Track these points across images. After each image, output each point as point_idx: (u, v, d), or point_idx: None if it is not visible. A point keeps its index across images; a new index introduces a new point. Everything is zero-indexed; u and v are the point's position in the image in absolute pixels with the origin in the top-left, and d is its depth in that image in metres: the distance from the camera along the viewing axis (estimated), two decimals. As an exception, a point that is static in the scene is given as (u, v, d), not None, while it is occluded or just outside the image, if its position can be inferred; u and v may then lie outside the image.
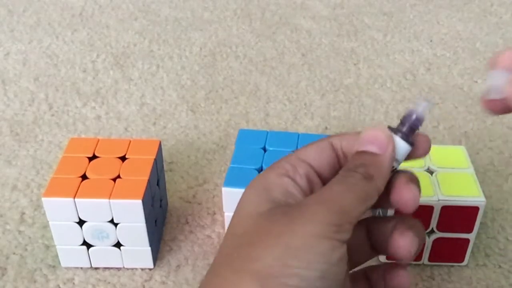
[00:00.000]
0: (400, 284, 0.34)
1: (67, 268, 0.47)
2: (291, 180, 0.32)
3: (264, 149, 0.48)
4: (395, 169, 0.32)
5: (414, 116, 0.32)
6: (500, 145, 0.60)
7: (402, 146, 0.32)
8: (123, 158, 0.46)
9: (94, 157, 0.47)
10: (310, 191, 0.32)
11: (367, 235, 0.35)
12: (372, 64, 0.73)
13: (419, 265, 0.48)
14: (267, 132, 0.50)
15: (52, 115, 0.63)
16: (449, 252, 0.47)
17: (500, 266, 0.48)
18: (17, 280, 0.46)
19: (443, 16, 0.83)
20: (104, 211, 0.43)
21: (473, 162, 0.48)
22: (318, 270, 0.28)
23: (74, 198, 0.43)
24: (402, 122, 0.32)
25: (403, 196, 0.32)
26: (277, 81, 0.69)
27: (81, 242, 0.45)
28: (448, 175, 0.46)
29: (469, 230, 0.45)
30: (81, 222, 0.44)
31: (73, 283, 0.46)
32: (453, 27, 0.81)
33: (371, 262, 0.35)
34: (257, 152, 0.47)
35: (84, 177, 0.45)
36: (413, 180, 0.32)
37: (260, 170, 0.46)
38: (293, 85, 0.69)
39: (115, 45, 0.75)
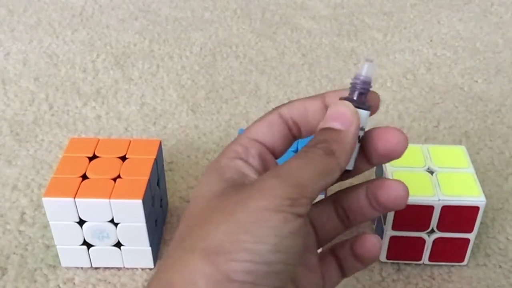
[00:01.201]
0: (370, 248, 0.34)
1: (67, 268, 0.47)
2: (244, 162, 0.31)
3: None
4: (360, 137, 0.32)
5: (360, 80, 0.32)
6: (500, 145, 0.60)
7: (361, 114, 0.32)
8: (123, 158, 0.46)
9: (94, 157, 0.47)
10: (264, 170, 0.32)
11: (335, 210, 0.35)
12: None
13: (419, 265, 0.48)
14: None
15: (52, 115, 0.63)
16: (450, 252, 0.47)
17: (500, 266, 0.48)
18: (18, 280, 0.46)
19: (443, 16, 0.83)
20: (104, 211, 0.43)
21: (473, 162, 0.48)
22: (269, 244, 0.27)
23: (74, 198, 0.43)
24: (352, 90, 0.32)
25: (391, 140, 0.32)
26: (277, 81, 0.69)
27: (82, 242, 0.45)
28: (448, 175, 0.46)
29: (470, 230, 0.45)
30: (81, 222, 0.44)
31: (74, 283, 0.46)
32: (453, 27, 0.81)
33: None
34: None
35: (84, 177, 0.45)
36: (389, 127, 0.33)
37: None
38: (293, 85, 0.69)
39: (115, 45, 0.75)
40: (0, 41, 0.76)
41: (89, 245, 0.45)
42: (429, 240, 0.46)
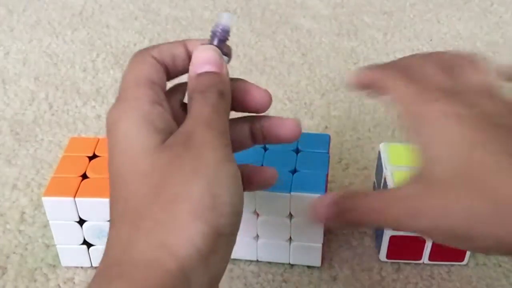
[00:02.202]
0: (287, 131, 0.36)
1: (68, 268, 0.47)
2: (163, 107, 0.31)
3: (265, 148, 0.48)
4: None
5: (220, 28, 0.35)
6: (500, 144, 0.60)
7: None
8: (123, 158, 0.46)
9: (94, 156, 0.47)
10: (173, 114, 0.32)
11: (250, 132, 0.36)
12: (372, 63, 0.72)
13: (419, 264, 0.48)
14: None
15: (52, 114, 0.63)
16: (449, 251, 0.47)
17: (500, 265, 0.48)
18: (17, 280, 0.46)
19: (443, 15, 0.83)
20: (104, 210, 0.43)
21: (473, 161, 0.48)
22: (237, 192, 0.29)
23: (74, 197, 0.43)
24: (212, 37, 0.35)
25: (256, 96, 0.35)
26: (277, 81, 0.69)
27: (82, 241, 0.45)
28: (448, 175, 0.46)
29: (469, 229, 0.45)
30: (81, 222, 0.44)
31: (74, 283, 0.46)
32: (453, 26, 0.81)
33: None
34: (257, 151, 0.47)
35: (84, 176, 0.45)
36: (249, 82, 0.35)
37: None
38: (293, 84, 0.69)
39: (115, 45, 0.75)
40: (0, 40, 0.76)
41: (89, 245, 0.45)
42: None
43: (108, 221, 0.44)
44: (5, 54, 0.73)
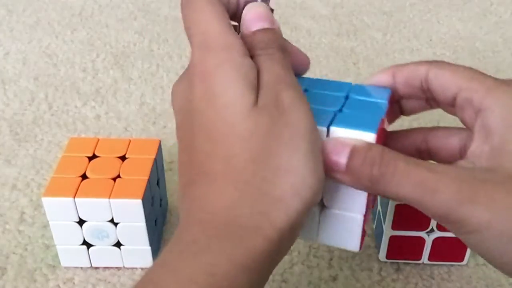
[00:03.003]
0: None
1: (67, 268, 0.47)
2: (249, 59, 0.30)
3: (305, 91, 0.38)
4: None
5: None
6: (500, 144, 0.60)
7: None
8: (123, 158, 0.46)
9: (94, 156, 0.47)
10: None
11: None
12: (371, 64, 0.73)
13: (419, 264, 0.48)
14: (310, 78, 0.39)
15: (52, 114, 0.63)
16: (449, 252, 0.47)
17: (500, 266, 0.48)
18: (17, 280, 0.46)
19: (442, 16, 0.83)
20: (104, 210, 0.43)
21: (473, 161, 0.48)
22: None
23: (74, 197, 0.43)
24: None
25: (299, 57, 0.35)
26: (277, 81, 0.69)
27: (81, 241, 0.45)
28: (448, 175, 0.46)
29: (469, 230, 0.45)
30: (81, 222, 0.44)
31: (73, 283, 0.46)
32: (453, 26, 0.81)
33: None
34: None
35: (84, 176, 0.45)
36: None
37: None
38: (293, 84, 0.68)
39: (115, 45, 0.75)
40: (0, 40, 0.76)
41: (89, 245, 0.45)
42: (428, 239, 0.46)
43: (109, 221, 0.44)
44: (5, 54, 0.73)
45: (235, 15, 0.34)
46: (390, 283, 0.46)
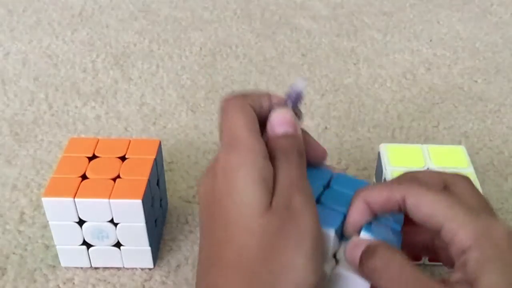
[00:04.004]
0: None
1: (67, 268, 0.47)
2: (270, 162, 0.33)
3: (327, 186, 0.40)
4: None
5: (295, 93, 0.37)
6: (500, 145, 0.60)
7: None
8: (123, 158, 0.46)
9: (94, 157, 0.47)
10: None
11: None
12: (372, 64, 0.73)
13: (419, 265, 0.48)
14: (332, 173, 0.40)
15: (52, 115, 0.63)
16: (449, 252, 0.47)
17: (500, 266, 0.48)
18: (17, 280, 0.46)
19: (443, 16, 0.83)
20: (104, 211, 0.43)
21: (473, 162, 0.48)
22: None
23: (74, 198, 0.43)
24: (288, 99, 0.37)
25: (317, 150, 0.38)
26: (277, 81, 0.69)
27: (81, 242, 0.45)
28: (448, 175, 0.46)
29: (469, 230, 0.45)
30: (81, 222, 0.44)
31: (73, 283, 0.46)
32: (453, 26, 0.81)
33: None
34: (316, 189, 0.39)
35: (84, 177, 0.45)
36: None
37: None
38: (293, 85, 0.68)
39: (115, 45, 0.75)
40: (0, 41, 0.76)
41: (88, 245, 0.45)
42: (428, 240, 0.46)
43: (109, 221, 0.44)
44: (5, 54, 0.73)
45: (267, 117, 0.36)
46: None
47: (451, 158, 0.47)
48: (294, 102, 0.37)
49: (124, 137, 0.60)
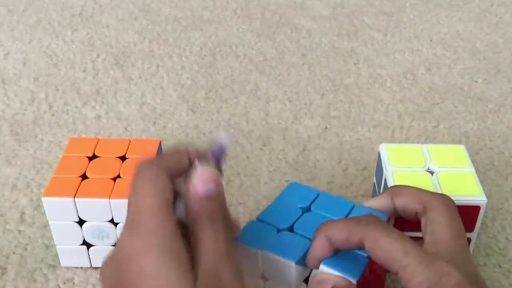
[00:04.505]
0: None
1: (67, 268, 0.47)
2: (181, 235, 0.31)
3: (308, 209, 0.41)
4: None
5: (217, 147, 0.35)
6: (500, 144, 0.60)
7: None
8: (123, 158, 0.46)
9: (94, 156, 0.47)
10: None
11: None
12: (372, 64, 0.73)
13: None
14: (318, 193, 0.42)
15: (52, 114, 0.63)
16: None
17: (500, 266, 0.48)
18: (17, 280, 0.46)
19: (443, 16, 0.83)
20: (104, 210, 0.43)
21: (473, 162, 0.48)
22: None
23: (74, 197, 0.43)
24: (210, 154, 0.35)
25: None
26: (277, 81, 0.69)
27: (81, 241, 0.45)
28: (448, 175, 0.46)
29: (471, 229, 0.45)
30: (81, 222, 0.44)
31: (73, 283, 0.46)
32: (453, 26, 0.81)
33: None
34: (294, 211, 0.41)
35: (84, 176, 0.45)
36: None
37: (288, 229, 0.39)
38: (293, 84, 0.68)
39: (115, 45, 0.75)
40: (0, 40, 0.76)
41: (88, 245, 0.45)
42: (429, 240, 0.46)
43: (109, 221, 0.44)
44: (5, 54, 0.73)
45: (188, 171, 0.34)
46: (390, 284, 0.46)
47: (451, 158, 0.47)
48: (217, 157, 0.35)
49: (124, 137, 0.60)
